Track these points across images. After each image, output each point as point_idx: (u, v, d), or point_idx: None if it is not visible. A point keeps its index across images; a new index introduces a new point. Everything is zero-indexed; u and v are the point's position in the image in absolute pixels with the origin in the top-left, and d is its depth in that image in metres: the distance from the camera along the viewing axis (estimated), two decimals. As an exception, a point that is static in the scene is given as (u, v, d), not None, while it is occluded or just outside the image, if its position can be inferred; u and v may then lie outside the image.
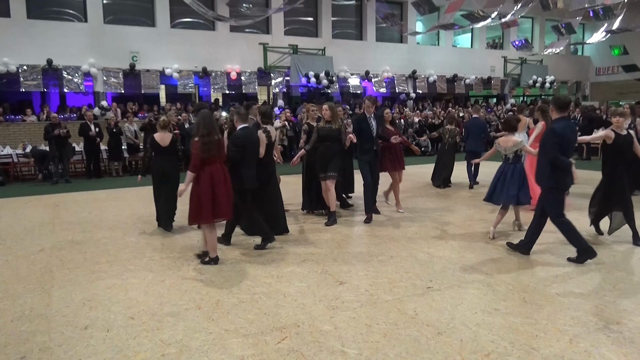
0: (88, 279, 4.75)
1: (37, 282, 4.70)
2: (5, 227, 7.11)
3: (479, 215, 7.37)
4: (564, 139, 4.81)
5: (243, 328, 3.63)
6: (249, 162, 5.56)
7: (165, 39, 16.62)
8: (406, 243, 5.87)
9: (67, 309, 4.04)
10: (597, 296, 4.15)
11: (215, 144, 4.99)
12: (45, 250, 5.83)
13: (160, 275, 4.84)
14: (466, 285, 4.45)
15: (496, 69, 23.37)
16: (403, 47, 21.21)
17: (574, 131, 5.19)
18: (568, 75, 25.45)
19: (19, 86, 14.77)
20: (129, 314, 3.92)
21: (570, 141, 4.93)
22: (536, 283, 4.46)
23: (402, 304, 4.02)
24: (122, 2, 16.53)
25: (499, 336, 3.43)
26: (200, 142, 4.93)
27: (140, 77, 16.34)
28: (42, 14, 15.19)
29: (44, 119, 14.11)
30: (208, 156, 4.95)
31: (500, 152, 6.07)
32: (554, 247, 5.62)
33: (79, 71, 15.42)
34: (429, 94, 22.16)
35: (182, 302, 4.13)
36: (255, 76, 18.16)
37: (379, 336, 3.47)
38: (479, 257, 5.27)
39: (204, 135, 4.94)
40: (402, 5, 20.91)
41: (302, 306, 4.01)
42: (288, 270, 4.91)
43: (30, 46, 14.66)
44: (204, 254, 5.27)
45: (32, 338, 3.53)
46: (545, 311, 3.84)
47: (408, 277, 4.67)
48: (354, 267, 5.00)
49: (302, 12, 18.97)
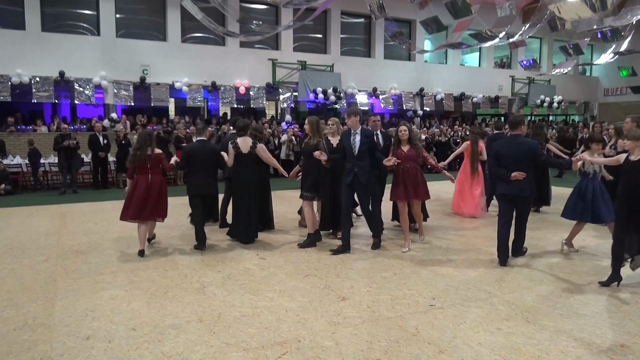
0: (91, 289, 4.78)
1: (41, 291, 4.72)
2: (12, 235, 7.17)
3: (484, 233, 7.34)
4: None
5: (244, 342, 3.63)
6: (194, 171, 6.30)
7: (176, 53, 16.87)
8: (410, 260, 5.86)
9: (69, 318, 4.06)
10: (601, 318, 4.12)
11: (143, 157, 5.93)
12: (50, 259, 5.87)
13: (163, 287, 4.86)
14: (469, 303, 4.42)
15: (504, 88, 23.45)
16: (411, 65, 21.36)
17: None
18: (576, 96, 25.47)
19: (31, 97, 15.02)
20: (131, 325, 3.93)
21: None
22: (540, 303, 4.43)
23: (404, 322, 4.01)
24: (134, 16, 16.84)
25: (501, 356, 3.41)
26: (132, 154, 6.07)
27: (150, 90, 16.56)
28: (56, 27, 15.51)
29: (54, 130, 14.30)
30: (135, 166, 6.02)
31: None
32: (559, 266, 5.59)
33: (90, 83, 15.66)
34: (436, 112, 22.25)
35: (184, 315, 4.14)
36: (263, 91, 18.34)
37: (380, 353, 3.45)
38: (483, 276, 5.24)
39: (136, 149, 6.01)
40: (411, 23, 21.11)
41: (303, 321, 4.01)
42: (291, 285, 4.91)
43: (44, 58, 14.94)
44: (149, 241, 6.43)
45: (34, 347, 3.54)
46: (548, 332, 3.81)
47: (411, 295, 4.66)
48: (357, 283, 5.00)
49: (311, 28, 19.20)
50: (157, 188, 6.05)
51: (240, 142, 6.49)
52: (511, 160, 5.52)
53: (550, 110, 23.87)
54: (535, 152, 5.55)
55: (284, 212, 8.66)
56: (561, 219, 6.23)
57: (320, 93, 18.07)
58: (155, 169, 6.07)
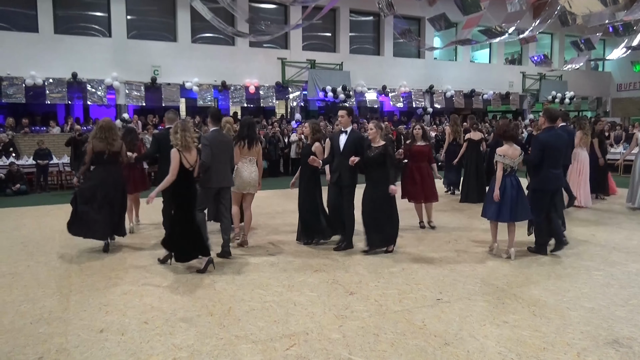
0: (105, 285, 4.89)
1: (56, 287, 4.85)
2: (28, 234, 7.32)
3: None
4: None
5: (253, 335, 3.71)
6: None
7: (186, 54, 17.03)
8: (418, 255, 5.89)
9: (84, 312, 4.17)
10: (608, 311, 4.13)
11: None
12: (64, 256, 6.00)
13: (174, 282, 4.95)
14: (476, 297, 4.46)
15: (514, 84, 23.29)
16: (420, 62, 21.32)
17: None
18: (588, 91, 25.23)
19: (44, 98, 15.27)
20: (143, 318, 4.02)
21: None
22: (547, 297, 4.45)
23: (411, 315, 4.06)
24: (145, 17, 17.02)
25: (507, 348, 3.44)
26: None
27: (161, 90, 16.73)
28: (68, 29, 15.73)
29: (67, 131, 14.51)
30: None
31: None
32: (568, 261, 5.59)
33: (102, 84, 15.87)
34: (446, 109, 22.16)
35: (194, 309, 4.23)
36: (273, 90, 18.43)
37: (386, 345, 3.51)
38: (491, 272, 5.26)
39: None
40: (420, 21, 21.05)
41: (311, 315, 4.07)
42: (299, 280, 4.98)
43: (56, 60, 15.16)
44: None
45: (50, 340, 3.65)
46: (554, 324, 3.84)
47: (418, 289, 4.70)
48: (365, 277, 5.05)
49: (320, 27, 19.25)
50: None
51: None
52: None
53: (562, 107, 23.66)
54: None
55: (293, 210, 8.70)
56: (579, 213, 6.20)
57: (330, 91, 18.12)
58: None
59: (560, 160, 5.79)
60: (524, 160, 5.73)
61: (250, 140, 6.21)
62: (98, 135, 6.10)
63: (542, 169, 5.66)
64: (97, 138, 6.08)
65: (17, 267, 5.53)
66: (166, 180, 5.16)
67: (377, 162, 5.77)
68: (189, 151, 5.23)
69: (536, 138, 5.93)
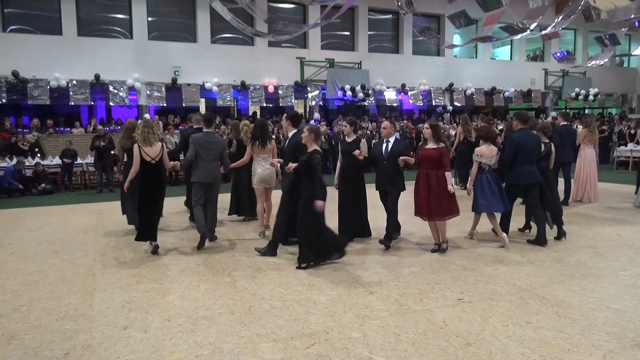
0: (128, 283, 4.96)
1: (80, 285, 4.94)
2: (53, 232, 7.48)
3: (513, 228, 7.24)
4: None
5: (273, 333, 3.72)
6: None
7: (206, 54, 17.20)
8: (438, 256, 5.84)
9: (108, 310, 4.24)
10: (635, 312, 4.03)
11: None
12: (89, 254, 6.11)
13: (196, 280, 5.00)
14: (498, 298, 4.40)
15: (536, 81, 22.93)
16: (440, 60, 21.14)
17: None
18: (613, 88, 24.70)
19: (68, 100, 15.60)
20: (166, 316, 4.07)
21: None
22: (571, 298, 4.37)
23: (432, 315, 4.03)
24: (165, 19, 17.25)
25: (530, 349, 3.39)
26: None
27: (182, 90, 16.93)
28: (91, 31, 16.04)
29: (90, 131, 14.78)
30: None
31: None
32: (593, 261, 5.48)
33: (124, 85, 16.13)
34: (467, 107, 21.94)
35: (216, 307, 4.26)
36: (292, 89, 18.48)
37: (407, 345, 3.49)
38: (513, 272, 5.19)
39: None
40: (439, 18, 20.89)
41: (332, 314, 4.07)
42: (319, 279, 4.99)
43: (80, 62, 15.47)
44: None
45: (75, 336, 3.72)
46: (579, 326, 3.77)
47: (439, 289, 4.66)
48: (385, 277, 5.03)
49: (338, 26, 19.24)
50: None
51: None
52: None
53: (586, 103, 23.22)
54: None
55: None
56: (595, 213, 6.10)
57: (349, 90, 18.09)
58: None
59: (533, 158, 6.28)
60: (500, 158, 6.29)
61: (264, 140, 6.75)
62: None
63: (515, 165, 6.20)
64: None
65: (43, 265, 5.66)
66: (131, 172, 5.98)
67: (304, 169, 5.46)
68: (149, 145, 5.92)
69: (510, 138, 6.46)
